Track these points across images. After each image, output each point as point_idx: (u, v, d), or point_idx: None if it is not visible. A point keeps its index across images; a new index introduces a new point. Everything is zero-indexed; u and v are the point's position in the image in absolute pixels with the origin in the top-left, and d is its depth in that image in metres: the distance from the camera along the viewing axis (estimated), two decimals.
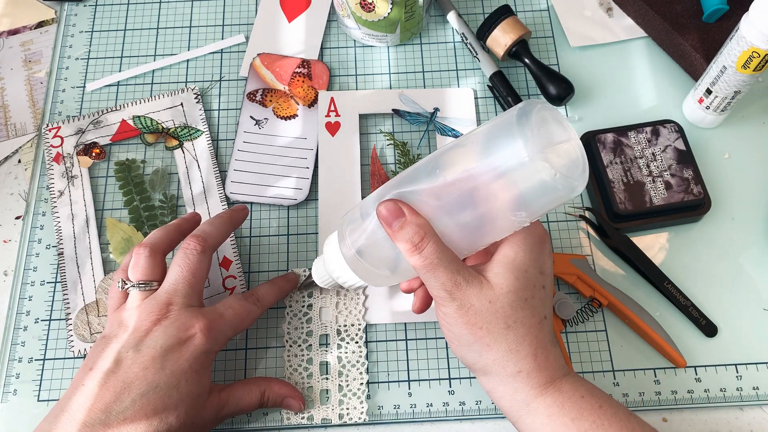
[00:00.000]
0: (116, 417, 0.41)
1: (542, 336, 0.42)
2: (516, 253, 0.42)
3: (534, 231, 0.43)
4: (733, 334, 0.53)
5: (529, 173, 0.37)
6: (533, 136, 0.36)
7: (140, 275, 0.46)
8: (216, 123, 0.62)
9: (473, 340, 0.41)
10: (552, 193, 0.38)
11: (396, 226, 0.40)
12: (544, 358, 0.42)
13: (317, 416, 0.51)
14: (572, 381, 0.42)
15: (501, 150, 0.38)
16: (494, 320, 0.41)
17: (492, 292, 0.41)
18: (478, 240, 0.42)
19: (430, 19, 0.67)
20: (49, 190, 0.59)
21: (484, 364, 0.42)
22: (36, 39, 0.67)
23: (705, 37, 0.61)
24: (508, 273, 0.41)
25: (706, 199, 0.56)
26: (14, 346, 0.54)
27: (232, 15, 0.68)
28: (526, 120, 0.37)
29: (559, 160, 0.37)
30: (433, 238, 0.40)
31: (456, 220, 0.41)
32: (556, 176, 0.36)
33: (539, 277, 0.42)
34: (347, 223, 0.45)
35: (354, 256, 0.44)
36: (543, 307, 0.43)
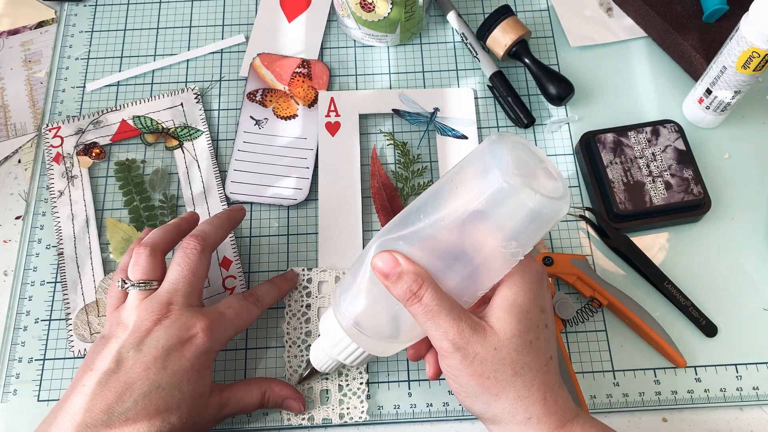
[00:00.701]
0: (118, 417, 0.41)
1: (549, 379, 0.41)
2: (516, 294, 0.40)
3: (530, 268, 0.42)
4: (733, 334, 0.53)
5: (510, 200, 0.37)
6: (508, 162, 0.37)
7: (140, 274, 0.46)
8: (216, 123, 0.62)
9: (480, 390, 0.40)
10: (538, 217, 0.38)
11: (393, 276, 0.39)
12: (553, 402, 0.40)
13: (317, 416, 0.51)
14: (582, 423, 0.41)
15: (479, 183, 0.38)
16: (501, 368, 0.39)
17: (496, 338, 0.40)
18: (475, 283, 0.41)
19: (430, 19, 0.67)
20: (49, 190, 0.59)
21: (494, 414, 0.41)
22: (36, 39, 0.67)
23: (705, 37, 0.61)
24: (510, 316, 0.40)
25: (706, 199, 0.56)
26: (14, 346, 0.54)
27: (232, 15, 0.68)
28: (498, 149, 0.37)
29: (538, 183, 0.37)
30: (431, 285, 0.39)
31: (450, 264, 0.40)
32: (536, 197, 0.36)
33: (541, 317, 0.41)
34: (340, 292, 0.44)
35: (353, 326, 0.43)
36: (548, 347, 0.41)
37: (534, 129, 0.62)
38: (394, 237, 0.41)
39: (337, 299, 0.44)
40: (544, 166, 0.39)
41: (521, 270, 0.41)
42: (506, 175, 0.36)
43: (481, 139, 0.61)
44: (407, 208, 0.42)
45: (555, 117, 0.62)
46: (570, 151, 0.61)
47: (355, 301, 0.43)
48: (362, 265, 0.42)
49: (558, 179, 0.39)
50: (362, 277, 0.42)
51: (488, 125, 0.62)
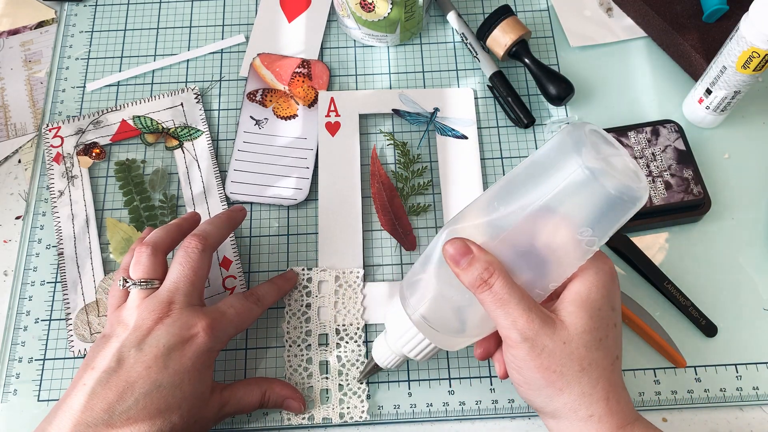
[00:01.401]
0: (119, 417, 0.41)
1: (615, 378, 0.40)
2: (589, 290, 0.40)
3: (604, 266, 0.41)
4: (733, 334, 0.53)
5: (589, 185, 0.36)
6: (588, 150, 0.36)
7: (142, 274, 0.46)
8: (216, 123, 0.62)
9: (545, 384, 0.39)
10: (616, 205, 0.37)
11: (464, 263, 0.39)
12: (615, 402, 0.40)
13: (318, 416, 0.51)
14: (643, 428, 0.41)
15: (559, 169, 0.37)
16: (569, 363, 0.39)
17: (566, 332, 0.39)
18: (548, 275, 0.40)
19: (430, 19, 0.67)
20: (49, 190, 0.59)
21: (555, 408, 0.40)
22: (36, 39, 0.67)
23: (705, 37, 0.61)
24: (581, 311, 0.39)
25: (706, 199, 0.56)
26: (14, 346, 0.54)
27: (232, 15, 0.68)
28: (578, 136, 0.37)
29: (616, 170, 0.37)
30: (502, 274, 0.39)
31: (523, 254, 0.39)
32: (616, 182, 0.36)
33: (612, 315, 0.41)
34: (407, 284, 0.44)
35: (421, 318, 0.43)
36: (616, 346, 0.41)
37: (534, 129, 0.62)
38: (466, 225, 0.40)
39: (404, 291, 0.43)
40: (621, 155, 0.38)
41: (595, 266, 0.40)
42: (587, 160, 0.36)
43: (481, 138, 0.61)
44: (480, 196, 0.41)
45: (555, 117, 0.62)
46: None
47: (423, 292, 0.42)
48: (432, 255, 0.42)
49: (634, 169, 0.38)
50: (432, 267, 0.42)
51: (488, 125, 0.62)
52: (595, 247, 0.39)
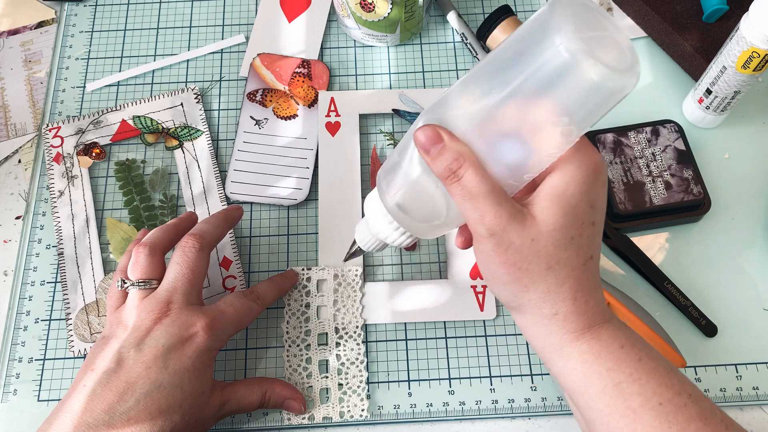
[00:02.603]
0: (120, 417, 0.41)
1: (585, 278, 0.38)
2: (566, 185, 0.37)
3: (587, 159, 0.38)
4: (733, 334, 0.53)
5: (567, 68, 0.32)
6: (569, 28, 0.32)
7: (140, 274, 0.46)
8: (216, 123, 0.62)
9: (510, 280, 0.38)
10: (598, 92, 0.33)
11: (434, 152, 0.37)
12: (584, 302, 0.38)
13: (318, 415, 0.51)
14: (612, 329, 0.39)
15: (535, 48, 0.33)
16: (535, 260, 0.37)
17: (536, 228, 0.37)
18: (523, 164, 0.37)
19: (430, 19, 0.67)
20: (49, 190, 0.59)
21: (520, 303, 0.39)
22: (36, 39, 0.67)
23: (705, 37, 0.61)
24: (555, 207, 0.37)
25: (706, 199, 0.56)
26: (14, 346, 0.54)
27: (232, 15, 0.68)
28: (559, 10, 0.33)
29: (601, 52, 0.33)
30: (473, 165, 0.36)
31: (497, 141, 0.37)
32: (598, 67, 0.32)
33: (589, 213, 0.38)
34: (384, 172, 0.42)
35: (397, 208, 0.41)
36: (590, 246, 0.38)
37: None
38: (442, 111, 0.38)
39: (380, 180, 0.42)
40: (612, 35, 0.34)
41: (577, 159, 0.37)
42: (566, 40, 0.32)
43: None
44: (459, 80, 0.38)
45: None
46: None
47: (398, 180, 0.41)
48: (407, 143, 0.40)
49: (627, 50, 0.34)
50: (407, 155, 0.40)
51: None
52: (574, 137, 0.36)
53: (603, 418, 0.38)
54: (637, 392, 0.38)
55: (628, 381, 0.38)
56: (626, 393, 0.38)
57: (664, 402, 0.38)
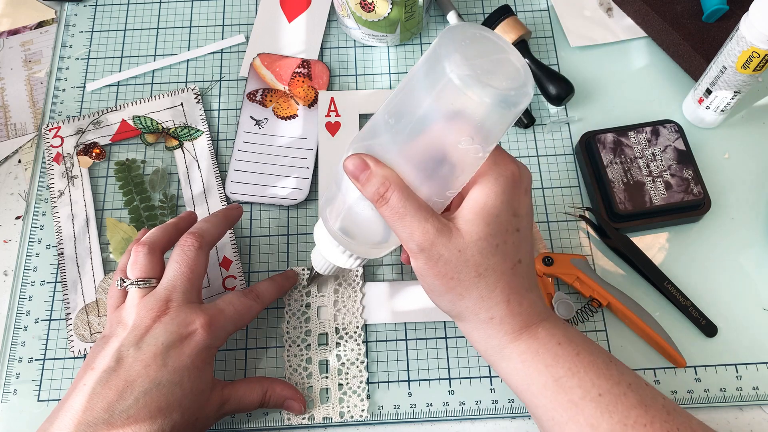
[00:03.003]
0: (119, 416, 0.41)
1: (516, 281, 0.41)
2: (487, 197, 0.40)
3: (505, 170, 0.40)
4: (733, 334, 0.53)
5: (459, 93, 0.35)
6: (456, 54, 0.35)
7: (139, 273, 0.46)
8: (216, 123, 0.62)
9: (445, 290, 0.41)
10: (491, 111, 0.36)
11: (362, 178, 0.40)
12: (517, 304, 0.41)
13: (318, 415, 0.51)
14: (549, 327, 0.41)
15: (431, 77, 0.36)
16: (465, 269, 0.40)
17: (462, 240, 0.40)
18: (443, 183, 0.40)
19: (430, 19, 0.67)
20: (49, 190, 0.59)
21: (458, 311, 0.42)
22: (36, 39, 0.67)
23: (705, 37, 0.61)
24: (478, 219, 0.40)
25: (706, 199, 0.56)
26: (14, 346, 0.54)
27: (232, 15, 0.68)
28: (447, 40, 0.36)
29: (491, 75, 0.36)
30: (398, 187, 0.39)
31: (416, 164, 0.39)
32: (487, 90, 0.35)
33: (512, 220, 0.41)
34: (325, 201, 0.45)
35: (340, 233, 0.44)
36: (516, 251, 0.41)
37: (534, 129, 0.62)
38: (366, 140, 0.41)
39: (322, 209, 0.45)
40: (505, 57, 0.37)
41: (495, 172, 0.40)
42: (455, 68, 0.35)
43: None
44: (378, 110, 0.41)
45: (555, 117, 0.62)
46: (570, 151, 0.61)
47: (338, 208, 0.43)
48: (340, 171, 0.42)
49: (520, 69, 0.37)
50: (341, 183, 0.42)
51: None
52: (483, 154, 0.39)
53: (548, 413, 0.41)
54: (576, 385, 0.40)
55: (567, 375, 0.40)
56: (566, 387, 0.40)
57: (603, 393, 0.40)
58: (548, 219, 0.58)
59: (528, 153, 0.61)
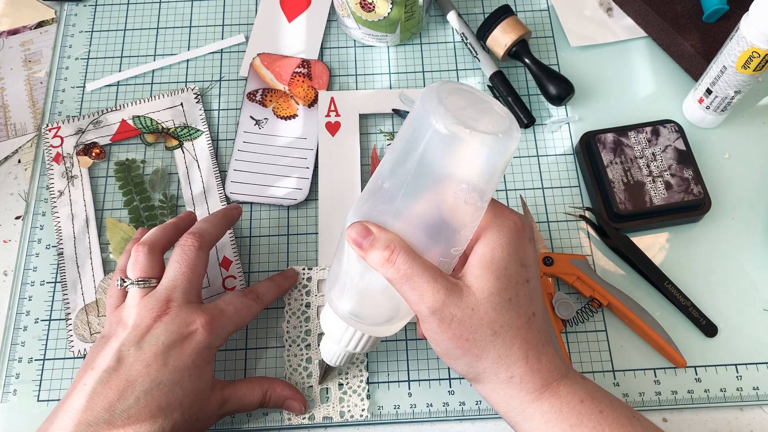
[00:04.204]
0: (120, 415, 0.41)
1: (532, 336, 0.40)
2: (493, 250, 0.39)
3: (506, 222, 0.40)
4: (733, 334, 0.53)
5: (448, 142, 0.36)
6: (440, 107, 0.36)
7: (139, 272, 0.46)
8: (216, 123, 0.62)
9: (462, 353, 0.39)
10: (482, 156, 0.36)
11: (366, 244, 0.39)
12: (536, 360, 0.40)
13: (318, 415, 0.51)
14: (570, 384, 0.40)
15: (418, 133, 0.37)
16: (480, 328, 0.39)
17: (473, 298, 0.39)
18: (446, 241, 0.39)
19: (430, 19, 0.67)
20: (49, 190, 0.59)
21: (476, 373, 0.40)
22: (36, 39, 0.67)
23: (705, 37, 0.61)
24: (487, 273, 0.39)
25: (706, 199, 0.56)
26: (14, 346, 0.54)
27: (232, 15, 0.68)
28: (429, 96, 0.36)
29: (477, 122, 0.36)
30: (404, 249, 0.38)
31: (418, 225, 0.39)
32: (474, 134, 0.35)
33: (521, 271, 0.40)
34: (330, 285, 0.44)
35: (350, 316, 0.43)
36: (529, 304, 0.40)
37: (534, 129, 0.62)
38: (364, 209, 0.40)
39: (328, 292, 0.44)
40: (487, 106, 0.38)
41: (497, 224, 0.40)
42: (440, 119, 0.35)
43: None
44: (372, 176, 0.41)
45: (555, 117, 0.62)
46: (570, 151, 0.61)
47: (343, 285, 0.42)
48: (342, 247, 0.42)
49: (503, 115, 0.38)
50: (344, 260, 0.42)
51: None
52: (481, 203, 0.38)
53: None
54: None
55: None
56: None
57: None
58: (548, 219, 0.58)
59: (528, 153, 0.61)
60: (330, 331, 0.45)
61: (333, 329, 0.45)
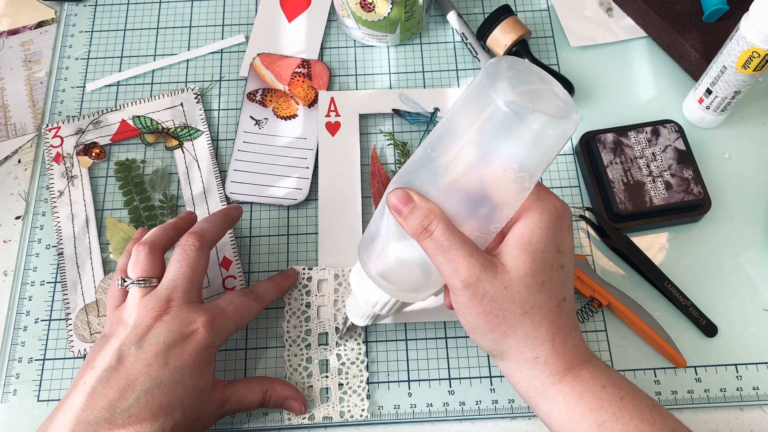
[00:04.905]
0: (121, 415, 0.41)
1: (560, 320, 0.40)
2: (532, 232, 0.39)
3: (548, 206, 0.40)
4: (733, 334, 0.53)
5: (508, 119, 0.36)
6: (503, 84, 0.36)
7: (140, 272, 0.46)
8: (216, 123, 0.62)
9: (489, 328, 0.40)
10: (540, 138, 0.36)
11: (405, 212, 0.39)
12: (562, 344, 0.40)
13: (318, 415, 0.51)
14: (593, 369, 0.41)
15: (476, 106, 0.37)
16: (510, 307, 0.39)
17: (507, 276, 0.39)
18: (487, 217, 0.39)
19: (430, 19, 0.67)
20: (49, 190, 0.59)
21: (501, 350, 0.41)
22: (36, 39, 0.67)
23: (705, 37, 0.61)
24: (523, 254, 0.39)
25: (706, 199, 0.56)
26: (14, 346, 0.54)
27: (232, 15, 0.68)
28: (493, 72, 0.36)
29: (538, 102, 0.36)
30: (443, 221, 0.38)
31: (461, 199, 0.39)
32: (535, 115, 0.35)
33: (557, 257, 0.40)
34: (364, 245, 0.44)
35: (380, 278, 0.43)
36: (561, 288, 0.40)
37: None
38: (409, 176, 0.40)
39: (361, 252, 0.44)
40: (549, 87, 0.38)
41: (539, 207, 0.40)
42: (502, 95, 0.35)
43: None
44: (420, 146, 0.41)
45: None
46: (570, 151, 0.61)
47: (378, 249, 0.43)
48: (382, 212, 0.42)
49: (563, 98, 0.38)
50: (383, 224, 0.42)
51: None
52: (528, 184, 0.39)
53: None
54: (621, 430, 0.39)
55: (612, 420, 0.39)
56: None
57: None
58: None
59: None
60: (358, 292, 0.46)
61: (362, 289, 0.45)
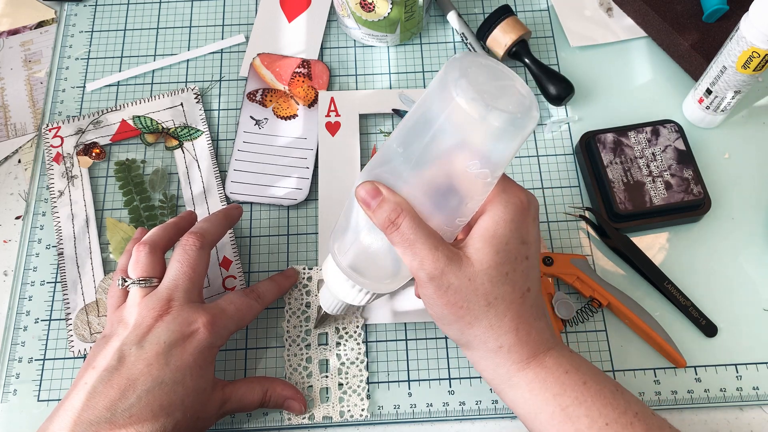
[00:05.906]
0: (122, 414, 0.41)
1: (524, 310, 0.41)
2: (496, 224, 0.40)
3: (513, 198, 0.41)
4: (733, 334, 0.53)
5: (467, 117, 0.36)
6: (463, 80, 0.36)
7: (141, 272, 0.46)
8: (216, 123, 0.62)
9: (455, 319, 0.41)
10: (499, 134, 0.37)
11: (374, 204, 0.40)
12: (525, 333, 0.41)
13: (318, 414, 0.51)
14: (556, 356, 0.42)
15: (439, 102, 0.37)
16: (474, 298, 0.40)
17: (472, 269, 0.40)
18: (452, 211, 0.40)
19: (430, 19, 0.67)
20: (49, 190, 0.59)
21: (467, 340, 0.42)
22: (36, 39, 0.67)
23: (705, 37, 0.61)
24: (487, 247, 0.40)
25: (706, 199, 0.56)
26: (14, 346, 0.54)
27: (232, 15, 0.68)
28: (452, 68, 0.37)
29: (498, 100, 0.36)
30: (410, 214, 0.39)
31: (426, 192, 0.40)
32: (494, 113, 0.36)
33: (521, 248, 0.41)
34: (334, 237, 0.45)
35: (351, 269, 0.44)
36: (525, 279, 0.41)
37: (534, 129, 0.62)
38: (377, 170, 0.41)
39: (332, 244, 0.45)
40: (511, 83, 0.38)
41: (504, 200, 0.41)
42: (461, 93, 0.36)
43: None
44: (388, 139, 0.41)
45: (555, 117, 0.62)
46: (570, 151, 0.61)
47: (348, 241, 0.43)
48: (351, 205, 0.43)
49: (525, 94, 0.38)
50: (352, 217, 0.43)
51: None
52: (491, 179, 0.39)
53: None
54: (584, 414, 0.40)
55: (575, 404, 0.40)
56: (573, 416, 0.40)
57: (610, 422, 0.40)
58: (548, 219, 0.58)
59: (528, 153, 0.61)
60: (330, 282, 0.46)
61: (333, 280, 0.46)
